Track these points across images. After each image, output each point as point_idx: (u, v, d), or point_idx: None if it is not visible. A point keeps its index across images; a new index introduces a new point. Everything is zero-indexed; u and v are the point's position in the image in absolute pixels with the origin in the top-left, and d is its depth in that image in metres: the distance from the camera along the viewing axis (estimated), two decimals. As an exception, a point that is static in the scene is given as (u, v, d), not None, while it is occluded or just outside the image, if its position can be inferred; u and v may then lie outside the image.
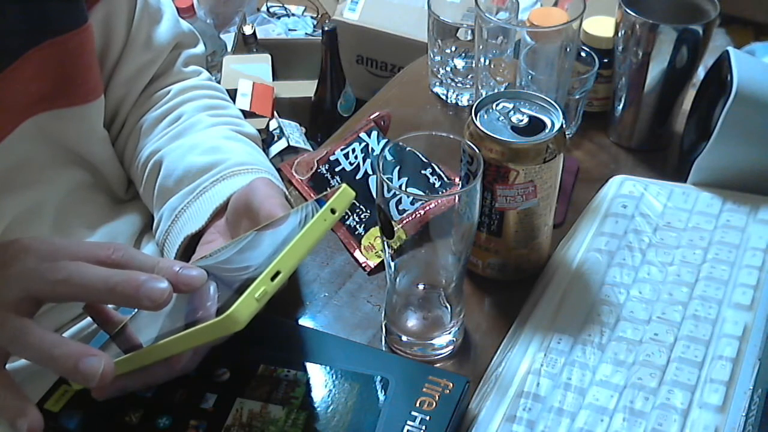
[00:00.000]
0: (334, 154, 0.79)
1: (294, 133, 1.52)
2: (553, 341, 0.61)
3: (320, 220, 0.47)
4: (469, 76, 0.87)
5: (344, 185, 0.50)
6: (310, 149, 1.47)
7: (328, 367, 0.57)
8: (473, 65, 0.83)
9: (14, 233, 0.67)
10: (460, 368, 0.62)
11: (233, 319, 0.43)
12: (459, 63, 0.87)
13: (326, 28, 1.60)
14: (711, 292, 0.64)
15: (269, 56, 1.67)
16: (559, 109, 0.62)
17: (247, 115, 1.35)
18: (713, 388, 0.56)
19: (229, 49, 1.78)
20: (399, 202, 0.56)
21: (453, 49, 0.86)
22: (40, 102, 0.67)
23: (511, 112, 0.62)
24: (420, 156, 0.70)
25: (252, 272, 0.46)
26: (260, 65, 1.63)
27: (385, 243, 0.58)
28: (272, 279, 0.45)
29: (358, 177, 0.78)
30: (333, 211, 0.48)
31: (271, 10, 1.94)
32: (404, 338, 0.62)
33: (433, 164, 0.73)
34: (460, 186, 0.63)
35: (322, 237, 0.48)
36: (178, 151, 0.72)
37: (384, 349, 0.64)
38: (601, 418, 0.55)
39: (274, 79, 1.61)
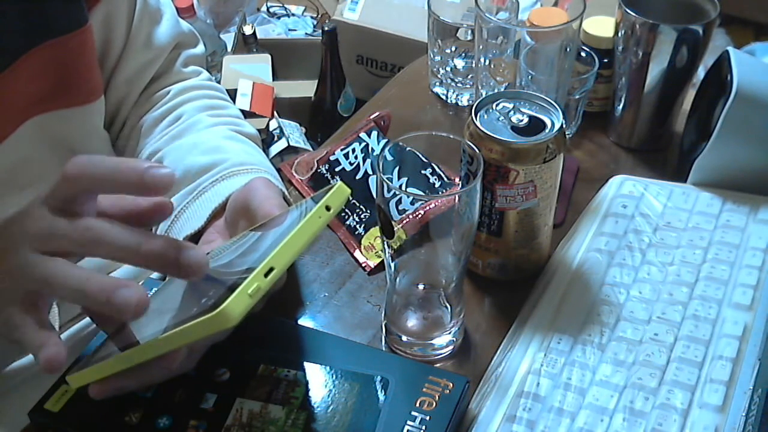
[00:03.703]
0: (334, 154, 0.79)
1: (294, 133, 1.52)
2: (553, 341, 0.61)
3: (315, 217, 0.47)
4: (469, 76, 0.87)
5: (340, 182, 0.49)
6: (310, 149, 1.47)
7: (328, 367, 0.57)
8: (473, 65, 0.83)
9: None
10: (460, 368, 0.62)
11: (226, 315, 0.43)
12: (459, 63, 0.87)
13: (326, 28, 1.60)
14: (711, 292, 0.64)
15: (269, 56, 1.67)
16: (559, 109, 0.62)
17: (247, 115, 1.35)
18: (713, 388, 0.56)
19: (229, 49, 1.78)
20: (399, 202, 0.56)
21: (453, 49, 0.86)
22: (40, 102, 0.67)
23: (511, 112, 0.62)
24: (420, 156, 0.70)
25: (246, 269, 0.46)
26: (260, 65, 1.63)
27: (385, 243, 0.58)
28: (266, 275, 0.45)
29: (358, 177, 0.78)
30: (328, 208, 0.48)
31: (271, 10, 1.94)
32: (404, 338, 0.62)
33: (433, 164, 0.73)
34: (460, 186, 0.63)
35: (317, 234, 0.47)
36: (178, 151, 0.72)
37: (384, 349, 0.64)
38: (601, 418, 0.55)
39: (274, 79, 1.61)
